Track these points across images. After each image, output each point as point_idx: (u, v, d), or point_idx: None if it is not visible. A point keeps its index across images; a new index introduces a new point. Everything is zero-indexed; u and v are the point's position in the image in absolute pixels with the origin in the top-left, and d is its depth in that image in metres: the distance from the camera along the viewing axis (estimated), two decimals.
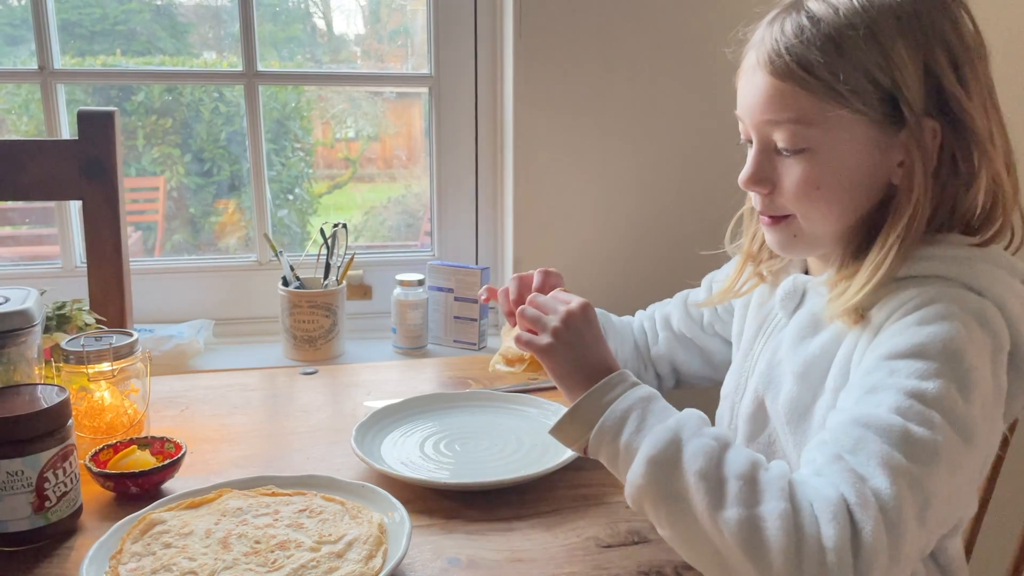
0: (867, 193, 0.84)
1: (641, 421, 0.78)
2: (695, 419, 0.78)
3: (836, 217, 0.85)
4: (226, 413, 1.16)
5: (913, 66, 0.79)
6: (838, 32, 0.79)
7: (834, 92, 0.79)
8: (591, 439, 0.80)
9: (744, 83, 0.88)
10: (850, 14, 0.80)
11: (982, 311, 0.77)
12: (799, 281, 0.94)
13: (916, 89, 0.79)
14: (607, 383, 0.83)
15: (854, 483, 0.69)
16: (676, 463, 0.73)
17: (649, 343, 1.22)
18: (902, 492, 0.68)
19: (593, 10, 1.43)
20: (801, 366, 0.88)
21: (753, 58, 0.85)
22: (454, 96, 1.56)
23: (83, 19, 1.56)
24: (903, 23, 0.79)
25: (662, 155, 1.52)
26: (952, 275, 0.80)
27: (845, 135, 0.81)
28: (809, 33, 0.80)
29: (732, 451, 0.74)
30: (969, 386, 0.73)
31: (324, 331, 1.43)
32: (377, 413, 1.09)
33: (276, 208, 1.77)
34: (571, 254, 1.52)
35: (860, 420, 0.73)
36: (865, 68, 0.78)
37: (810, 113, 0.81)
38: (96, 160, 1.23)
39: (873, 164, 0.82)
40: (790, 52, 0.80)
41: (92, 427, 1.03)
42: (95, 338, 1.03)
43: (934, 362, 0.73)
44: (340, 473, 0.96)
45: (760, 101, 0.84)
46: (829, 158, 0.82)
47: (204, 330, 1.47)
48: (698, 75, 1.49)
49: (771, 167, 0.86)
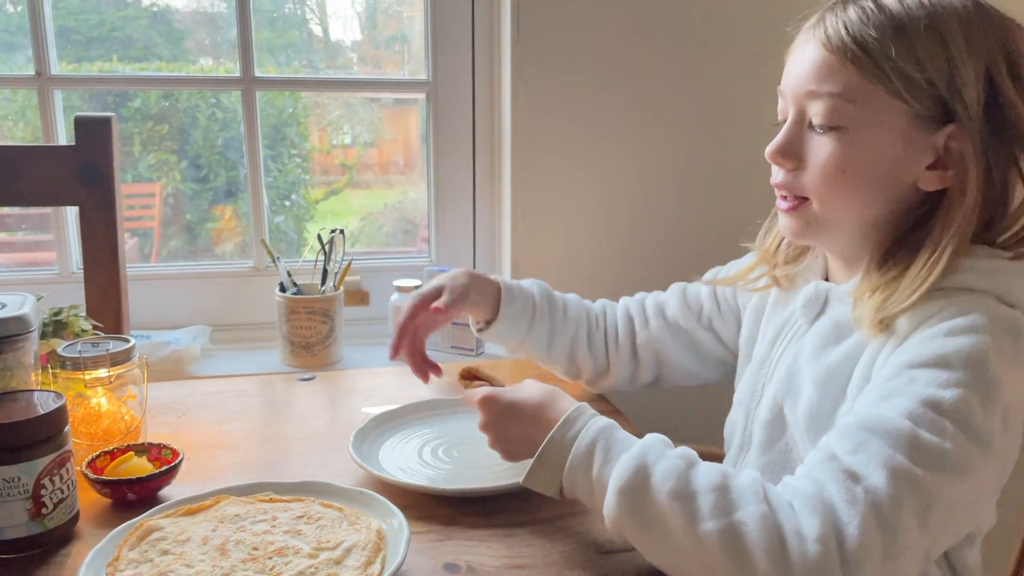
0: (889, 190, 0.83)
1: (607, 452, 0.79)
2: (659, 443, 0.78)
3: (855, 206, 0.85)
4: (223, 419, 1.16)
5: (973, 68, 0.78)
6: (900, 18, 0.79)
7: (881, 72, 0.79)
8: (564, 480, 0.81)
9: (794, 57, 0.87)
10: (915, 7, 0.80)
11: (1015, 323, 0.77)
12: (821, 288, 0.93)
13: (973, 90, 0.78)
14: (567, 420, 0.83)
15: (843, 481, 0.69)
16: (646, 489, 0.73)
17: (637, 328, 1.18)
18: (900, 492, 0.68)
19: (590, 16, 1.43)
20: (822, 373, 0.87)
21: (808, 33, 0.85)
22: (452, 102, 1.56)
23: (79, 25, 1.56)
24: (966, 25, 0.79)
25: (660, 162, 1.52)
26: (984, 287, 0.79)
27: (881, 121, 0.80)
28: (871, 14, 0.80)
29: (699, 467, 0.75)
30: (991, 397, 0.73)
31: (321, 337, 1.43)
32: (375, 419, 1.09)
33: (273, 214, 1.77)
34: (568, 260, 1.52)
35: (867, 423, 0.73)
36: (919, 56, 0.78)
37: (853, 89, 0.80)
38: (93, 166, 1.23)
39: (901, 159, 0.82)
40: (847, 27, 0.81)
41: (89, 433, 1.02)
42: (92, 344, 1.02)
43: (956, 372, 0.73)
44: (338, 479, 0.95)
45: (806, 72, 0.84)
46: (860, 142, 0.81)
47: (201, 336, 1.47)
48: (697, 81, 1.49)
49: (800, 142, 0.86)
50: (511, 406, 0.90)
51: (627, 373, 1.18)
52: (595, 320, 1.19)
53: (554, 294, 1.18)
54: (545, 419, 0.86)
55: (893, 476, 0.68)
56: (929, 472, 0.69)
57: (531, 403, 0.89)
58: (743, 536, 0.68)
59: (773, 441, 0.95)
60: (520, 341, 1.15)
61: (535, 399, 0.89)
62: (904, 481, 0.68)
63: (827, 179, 0.84)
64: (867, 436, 0.72)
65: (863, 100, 0.80)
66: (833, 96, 0.81)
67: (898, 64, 0.78)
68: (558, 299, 1.17)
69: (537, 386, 0.92)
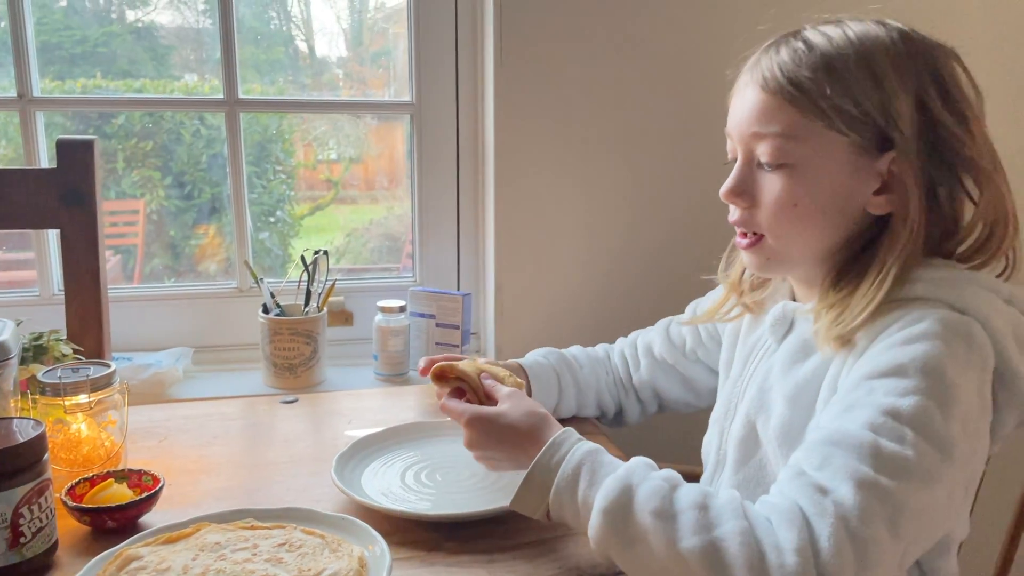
0: (840, 218, 0.86)
1: (592, 474, 0.81)
2: (643, 465, 0.81)
3: (809, 238, 0.88)
4: (205, 443, 1.15)
5: (905, 96, 0.82)
6: (830, 56, 0.83)
7: (818, 109, 0.82)
8: (551, 503, 0.83)
9: (736, 100, 0.91)
10: (843, 44, 0.83)
11: (967, 329, 0.79)
12: (788, 308, 0.96)
13: (907, 119, 0.82)
14: (553, 444, 0.85)
15: (812, 495, 0.71)
16: (630, 509, 0.75)
17: (631, 370, 1.23)
18: (867, 503, 0.70)
19: (574, 37, 1.45)
20: (792, 390, 0.90)
21: (747, 77, 0.89)
22: (435, 123, 1.57)
23: (63, 41, 1.56)
24: (894, 57, 0.82)
25: (644, 181, 1.53)
26: (937, 296, 0.82)
27: (825, 155, 0.84)
28: (803, 55, 0.84)
29: (682, 488, 0.77)
30: (949, 402, 0.75)
31: (305, 358, 1.42)
32: (358, 443, 1.09)
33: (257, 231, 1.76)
34: (553, 281, 1.53)
35: (831, 438, 0.75)
36: (853, 91, 0.82)
37: (795, 128, 0.84)
38: (74, 189, 1.22)
39: (849, 188, 0.85)
40: (782, 69, 0.84)
41: (69, 459, 1.02)
42: (72, 369, 1.02)
43: (913, 379, 0.75)
44: (320, 504, 0.95)
45: (749, 114, 0.87)
46: (808, 176, 0.85)
47: (183, 358, 1.46)
48: (679, 101, 1.50)
49: (752, 181, 0.89)
50: (500, 429, 0.91)
51: (636, 412, 1.24)
52: (605, 369, 1.24)
53: (567, 358, 1.22)
54: (532, 442, 0.88)
55: (859, 487, 0.70)
56: (894, 480, 0.71)
57: (519, 426, 0.90)
58: (724, 552, 0.70)
59: (747, 458, 0.97)
60: (553, 408, 1.18)
61: (523, 423, 0.90)
62: (870, 491, 0.70)
63: (780, 214, 0.87)
64: (831, 450, 0.74)
65: (806, 137, 0.84)
66: (777, 136, 0.85)
67: (834, 100, 0.82)
68: (573, 361, 1.22)
69: (524, 407, 0.93)
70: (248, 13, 1.64)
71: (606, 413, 1.24)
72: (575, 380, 1.20)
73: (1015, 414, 0.83)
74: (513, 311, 1.52)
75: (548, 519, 0.85)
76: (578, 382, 1.20)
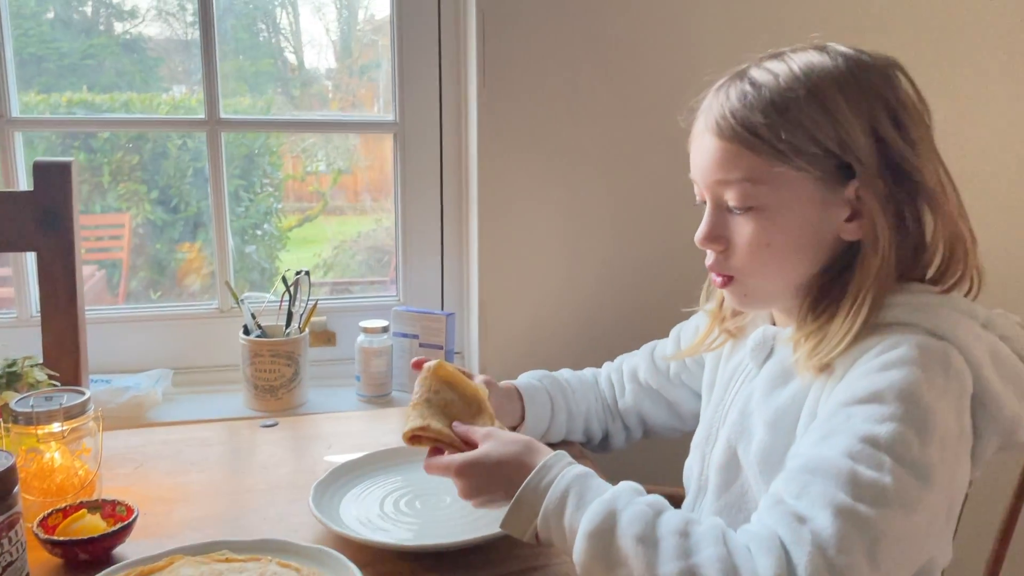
0: (816, 250, 0.87)
1: (580, 498, 0.80)
2: (629, 490, 0.81)
3: (786, 273, 0.88)
4: (182, 470, 1.14)
5: (859, 124, 0.82)
6: (779, 96, 0.83)
7: (777, 151, 0.82)
8: (539, 525, 0.82)
9: (695, 147, 0.91)
10: (790, 80, 0.83)
11: (944, 355, 0.79)
12: (768, 332, 0.96)
13: (864, 146, 0.82)
14: (543, 467, 0.85)
15: (789, 524, 0.72)
16: (613, 533, 0.76)
17: (616, 395, 1.23)
18: (845, 531, 0.70)
19: (557, 58, 1.44)
20: (772, 415, 0.90)
21: (702, 123, 0.89)
22: (419, 142, 1.56)
23: (50, 53, 1.54)
24: (843, 86, 0.83)
25: (628, 200, 1.52)
26: (914, 321, 0.82)
27: (791, 193, 0.84)
28: (752, 98, 0.84)
29: (666, 514, 0.77)
30: (926, 429, 0.75)
31: (286, 380, 1.41)
32: (337, 470, 1.07)
33: (244, 244, 1.75)
34: (537, 301, 1.52)
35: (809, 465, 0.75)
36: (806, 128, 0.82)
37: (757, 172, 0.84)
38: (52, 211, 1.21)
39: (820, 221, 0.85)
40: (735, 115, 0.84)
41: (42, 489, 1.00)
42: (45, 397, 1.00)
43: (890, 406, 0.75)
44: (298, 533, 0.94)
45: (710, 163, 0.87)
46: (777, 216, 0.85)
47: (163, 380, 1.45)
48: (662, 121, 1.50)
49: (724, 225, 0.89)
50: (488, 469, 0.89)
51: (622, 438, 1.24)
52: (595, 395, 1.24)
53: (560, 381, 1.21)
54: (521, 468, 0.86)
55: (836, 515, 0.70)
56: (872, 508, 0.71)
57: (505, 460, 0.88)
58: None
59: (728, 484, 0.97)
60: (543, 432, 1.17)
61: (509, 456, 0.89)
62: (847, 519, 0.70)
63: (755, 255, 0.87)
64: (809, 478, 0.74)
65: (769, 179, 0.84)
66: (741, 182, 0.85)
67: (790, 141, 0.82)
68: (565, 385, 1.21)
69: (505, 440, 0.91)
70: (236, 25, 1.63)
71: (592, 439, 1.23)
72: (567, 405, 1.19)
73: (996, 439, 0.83)
74: (497, 330, 1.52)
75: (537, 541, 0.84)
76: (570, 407, 1.19)
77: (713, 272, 0.92)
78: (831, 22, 1.51)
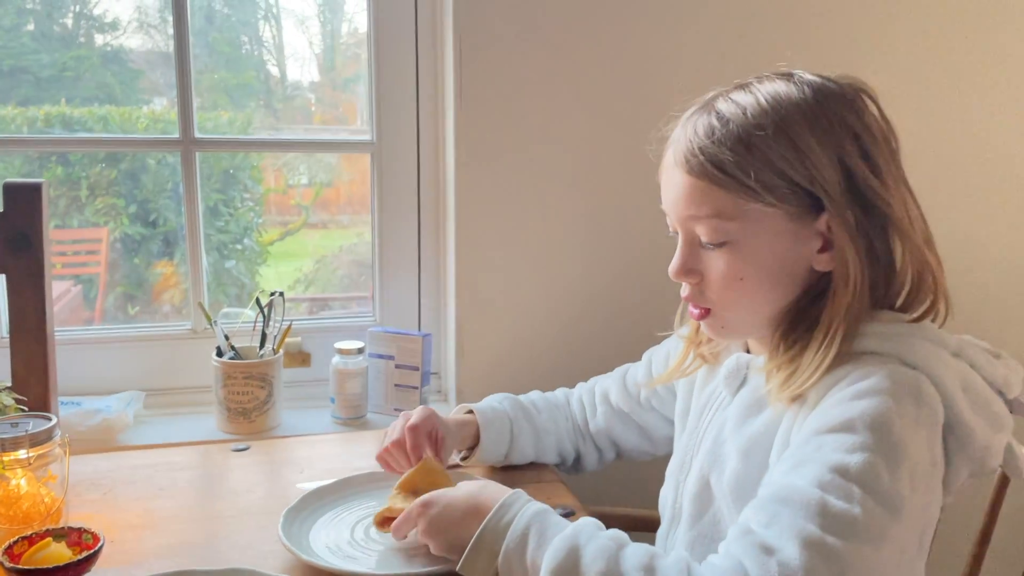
0: (789, 281, 0.87)
1: (540, 536, 0.80)
2: (591, 526, 0.81)
3: (760, 305, 0.88)
4: (151, 496, 1.12)
5: (827, 158, 0.82)
6: (747, 132, 0.83)
7: (746, 188, 0.82)
8: (500, 564, 0.81)
9: (665, 180, 0.91)
10: (758, 114, 0.83)
11: (916, 385, 0.79)
12: (742, 360, 0.96)
13: (833, 179, 0.82)
14: (503, 506, 0.85)
15: (757, 556, 0.71)
16: (576, 570, 0.75)
17: (588, 417, 1.23)
18: (812, 563, 0.69)
19: (534, 79, 1.45)
20: (745, 443, 0.90)
21: (671, 157, 0.89)
22: (396, 162, 1.56)
23: (29, 65, 1.53)
24: (810, 119, 0.82)
25: (606, 221, 1.53)
26: (886, 351, 0.82)
27: (762, 228, 0.84)
28: (720, 134, 0.83)
29: (629, 548, 0.77)
30: (897, 459, 0.75)
31: (259, 403, 1.40)
32: (307, 497, 1.07)
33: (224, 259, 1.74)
34: (514, 321, 1.52)
35: (779, 495, 0.75)
36: (775, 164, 0.82)
37: (727, 208, 0.84)
38: (22, 233, 1.20)
39: (792, 253, 0.85)
40: (703, 152, 0.84)
41: (8, 516, 0.99)
42: (11, 424, 0.99)
43: (861, 436, 0.75)
44: (267, 561, 0.93)
45: (680, 198, 0.87)
46: (749, 250, 0.85)
47: (134, 403, 1.43)
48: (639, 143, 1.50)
49: (697, 258, 0.89)
50: (446, 506, 0.90)
51: (594, 459, 1.24)
52: (564, 415, 1.23)
53: (524, 404, 1.21)
54: (480, 507, 0.86)
55: (804, 547, 0.70)
56: (841, 540, 0.70)
57: (465, 497, 0.89)
58: None
59: (701, 513, 0.97)
60: (503, 456, 1.17)
61: (468, 491, 0.90)
62: (815, 551, 0.70)
63: (728, 289, 0.87)
64: (779, 508, 0.74)
65: (740, 215, 0.84)
66: (711, 218, 0.85)
67: (759, 178, 0.82)
68: (530, 407, 1.20)
69: (468, 483, 0.93)
70: (219, 38, 1.63)
71: (565, 460, 1.23)
72: (532, 426, 1.19)
73: (966, 466, 0.84)
74: (474, 350, 1.51)
75: None
76: (536, 428, 1.19)
77: (690, 303, 0.92)
78: (802, 50, 1.53)
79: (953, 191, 1.65)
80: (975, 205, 1.67)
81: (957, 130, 1.63)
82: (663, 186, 0.92)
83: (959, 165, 1.65)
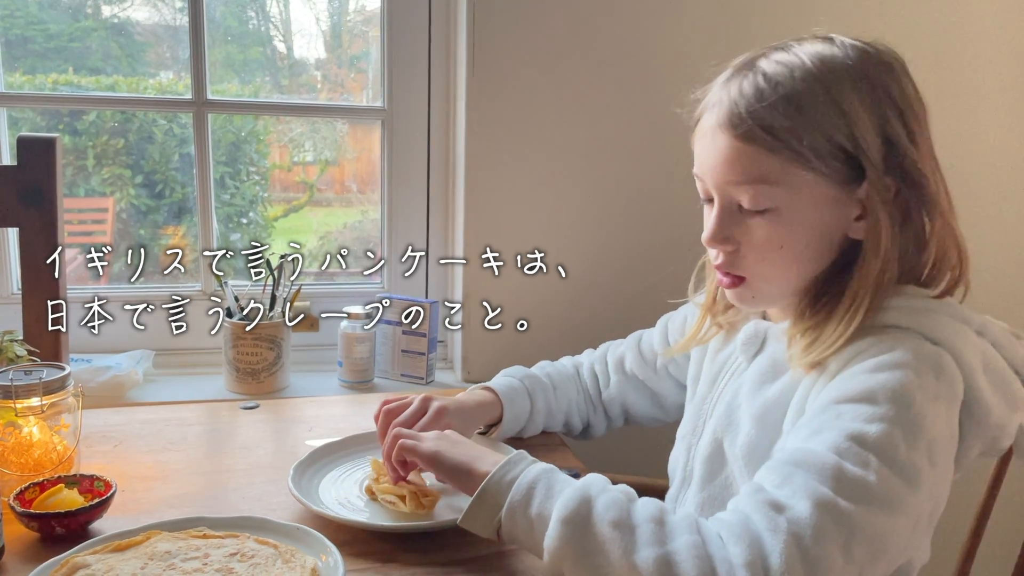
0: (826, 249, 0.86)
1: (548, 489, 0.80)
2: (600, 480, 0.81)
3: (796, 274, 0.87)
4: (161, 449, 1.13)
5: (871, 124, 0.81)
6: (798, 94, 0.81)
7: (797, 154, 0.81)
8: (503, 518, 0.81)
9: (704, 145, 0.88)
10: (807, 76, 0.81)
11: (938, 360, 0.79)
12: (760, 327, 0.96)
13: (875, 147, 0.81)
14: (509, 462, 0.84)
15: (766, 512, 0.71)
16: (589, 519, 0.75)
17: (600, 386, 1.22)
18: (823, 523, 0.70)
19: (546, 46, 1.45)
20: (760, 409, 0.90)
21: (712, 119, 0.86)
22: (407, 129, 1.56)
23: (36, 35, 1.53)
24: (855, 82, 0.81)
25: (616, 190, 1.53)
26: (910, 325, 0.82)
27: (806, 194, 0.83)
28: (769, 95, 0.81)
29: (639, 501, 0.77)
30: (916, 432, 0.75)
31: (268, 364, 1.41)
32: (316, 451, 1.08)
33: (229, 231, 1.74)
34: (522, 289, 1.52)
35: (795, 458, 0.75)
36: (824, 128, 0.80)
37: (773, 174, 0.82)
38: (35, 187, 1.20)
39: (832, 221, 0.84)
40: (752, 115, 0.82)
41: (19, 463, 1.00)
42: (25, 372, 1.00)
43: (881, 407, 0.75)
44: (276, 513, 0.94)
45: (722, 162, 0.85)
46: (792, 217, 0.84)
47: (144, 361, 1.44)
48: (651, 110, 1.51)
49: (734, 226, 0.87)
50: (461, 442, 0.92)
51: (603, 427, 1.24)
52: (576, 388, 1.23)
53: (541, 380, 1.19)
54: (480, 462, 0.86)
55: (816, 506, 0.70)
56: (853, 504, 0.71)
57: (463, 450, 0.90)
58: (676, 565, 0.70)
59: (713, 476, 0.97)
60: (519, 431, 1.17)
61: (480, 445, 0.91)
62: (827, 512, 0.70)
63: (767, 257, 0.86)
64: (793, 469, 0.74)
65: (786, 180, 0.82)
66: (756, 183, 0.83)
67: (809, 142, 0.80)
68: (546, 383, 1.19)
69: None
70: (226, 12, 1.62)
71: (572, 430, 1.23)
72: (547, 404, 1.18)
73: (979, 444, 0.84)
74: (481, 320, 1.52)
75: (498, 538, 0.83)
76: (550, 406, 1.18)
77: (721, 272, 0.90)
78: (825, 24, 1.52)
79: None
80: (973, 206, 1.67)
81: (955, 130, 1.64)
82: (700, 150, 0.89)
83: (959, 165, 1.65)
